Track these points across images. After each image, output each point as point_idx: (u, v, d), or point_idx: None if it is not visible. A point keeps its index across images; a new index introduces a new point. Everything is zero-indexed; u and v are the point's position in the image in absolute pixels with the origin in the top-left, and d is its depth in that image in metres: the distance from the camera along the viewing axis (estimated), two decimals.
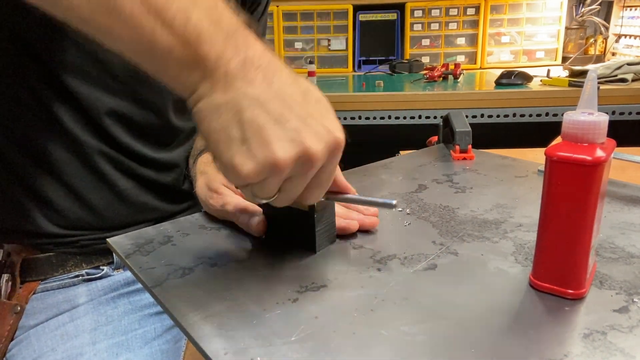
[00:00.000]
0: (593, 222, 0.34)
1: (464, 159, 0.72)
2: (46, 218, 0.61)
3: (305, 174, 0.36)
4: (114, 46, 0.36)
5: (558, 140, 0.36)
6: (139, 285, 0.64)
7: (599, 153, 0.33)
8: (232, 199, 0.51)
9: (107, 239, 0.49)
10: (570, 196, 0.34)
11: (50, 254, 0.63)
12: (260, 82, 0.35)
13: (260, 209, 0.49)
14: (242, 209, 0.49)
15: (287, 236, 0.47)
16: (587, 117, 0.34)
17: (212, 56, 0.34)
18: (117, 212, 0.64)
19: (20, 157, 0.59)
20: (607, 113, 0.34)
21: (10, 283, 0.62)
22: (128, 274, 0.65)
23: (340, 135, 0.36)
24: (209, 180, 0.55)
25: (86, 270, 0.64)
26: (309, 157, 0.34)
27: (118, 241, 0.48)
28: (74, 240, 0.63)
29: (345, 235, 0.48)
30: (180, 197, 0.71)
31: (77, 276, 0.63)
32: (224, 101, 0.34)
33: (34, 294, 0.62)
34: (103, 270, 0.64)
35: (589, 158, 0.33)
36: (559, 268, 0.36)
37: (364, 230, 0.49)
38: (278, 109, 0.34)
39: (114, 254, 0.64)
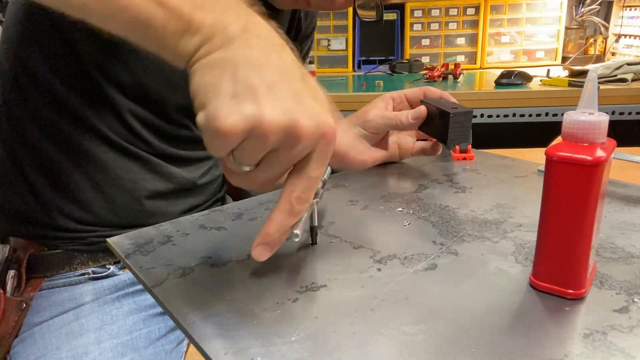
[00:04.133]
0: (593, 222, 0.34)
1: (464, 159, 0.72)
2: (65, 210, 0.62)
3: (291, 149, 0.33)
4: (110, 28, 0.37)
5: (558, 140, 0.36)
6: None
7: (599, 153, 0.33)
8: None
9: (107, 239, 0.49)
10: (571, 196, 0.34)
11: (58, 250, 0.63)
12: (259, 50, 0.33)
13: None
14: None
15: None
16: (588, 117, 0.34)
17: (208, 21, 0.34)
18: (135, 212, 0.64)
19: (53, 150, 0.61)
20: (607, 113, 0.34)
21: (15, 279, 0.62)
22: None
23: (333, 125, 0.33)
24: None
25: (92, 269, 0.64)
26: (297, 131, 0.32)
27: (118, 241, 0.48)
28: (83, 237, 0.63)
29: (345, 235, 0.48)
30: (202, 195, 0.72)
31: (83, 274, 0.63)
32: (220, 57, 0.33)
33: (39, 291, 0.62)
34: (109, 269, 0.64)
35: (589, 158, 0.33)
36: (559, 268, 0.36)
37: (364, 230, 0.49)
38: (274, 77, 0.32)
39: None
